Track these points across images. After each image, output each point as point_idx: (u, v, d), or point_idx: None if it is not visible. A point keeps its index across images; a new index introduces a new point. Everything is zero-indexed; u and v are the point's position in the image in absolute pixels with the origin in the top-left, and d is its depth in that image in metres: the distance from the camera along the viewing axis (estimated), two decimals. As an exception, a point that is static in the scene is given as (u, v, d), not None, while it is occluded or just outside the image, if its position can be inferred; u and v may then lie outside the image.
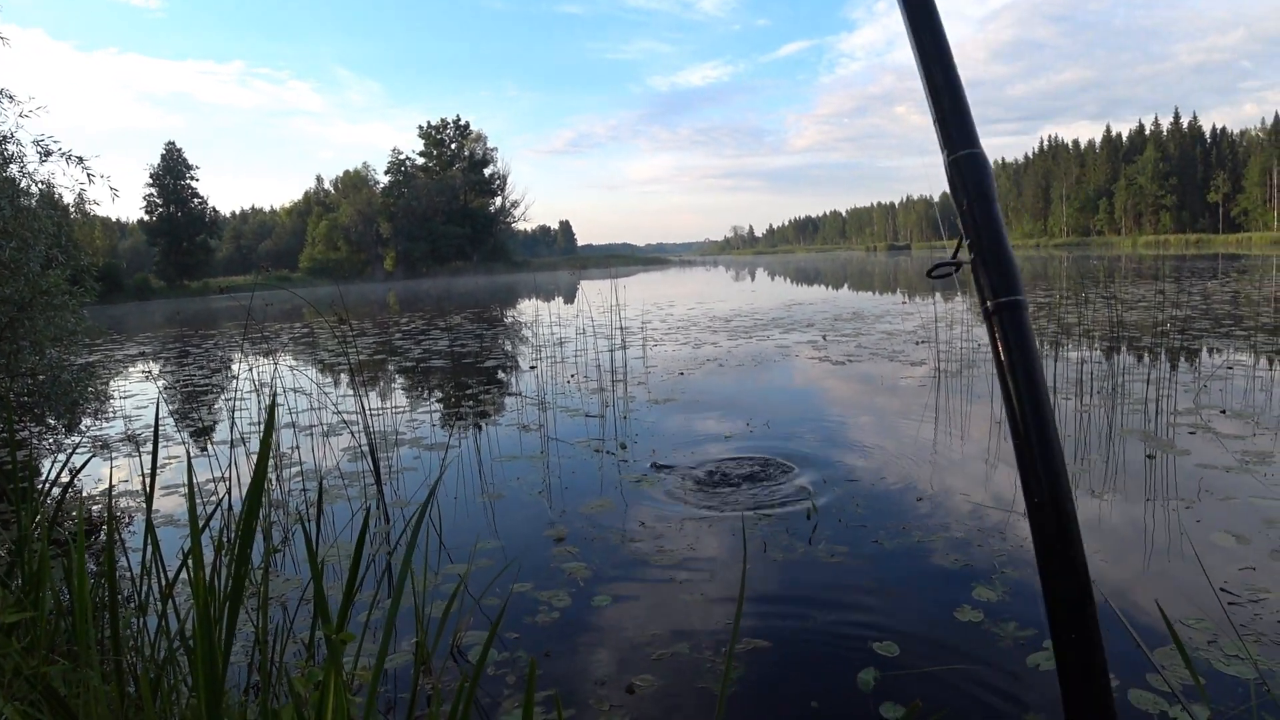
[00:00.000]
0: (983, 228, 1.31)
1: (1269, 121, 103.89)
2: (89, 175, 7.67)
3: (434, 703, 3.06)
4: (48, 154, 7.50)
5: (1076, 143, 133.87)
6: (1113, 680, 2.90)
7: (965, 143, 1.35)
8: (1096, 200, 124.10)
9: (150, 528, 2.44)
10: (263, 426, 1.76)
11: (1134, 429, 6.66)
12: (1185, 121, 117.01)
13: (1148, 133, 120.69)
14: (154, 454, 2.48)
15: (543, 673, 3.24)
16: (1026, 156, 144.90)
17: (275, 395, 2.84)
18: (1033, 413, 1.24)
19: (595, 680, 3.16)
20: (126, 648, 2.32)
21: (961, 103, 1.38)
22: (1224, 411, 7.06)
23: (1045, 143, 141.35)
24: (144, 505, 5.75)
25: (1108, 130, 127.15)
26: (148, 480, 2.37)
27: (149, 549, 2.49)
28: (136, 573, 2.72)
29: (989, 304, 1.30)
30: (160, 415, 9.87)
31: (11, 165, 7.50)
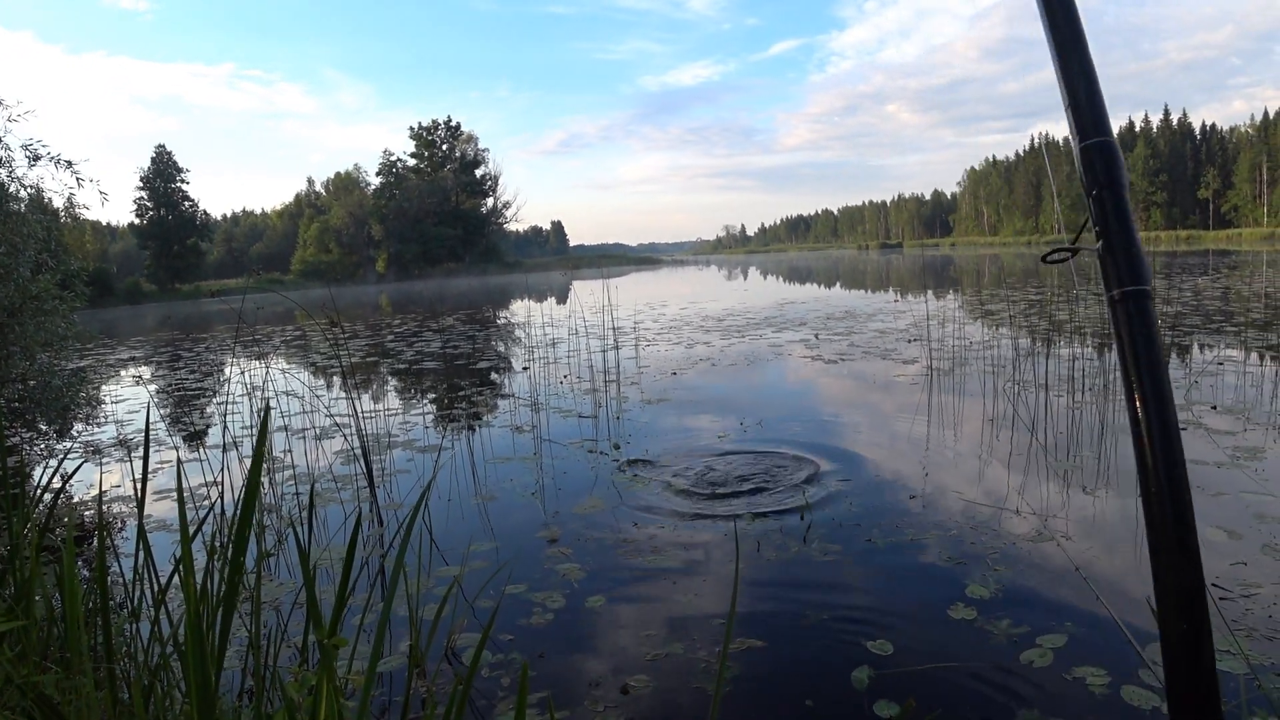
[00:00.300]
0: (1112, 216, 1.30)
1: (1258, 118, 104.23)
2: (78, 179, 7.67)
3: (428, 706, 3.05)
4: (36, 158, 7.48)
5: (1067, 140, 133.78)
6: (1107, 677, 2.92)
7: (1097, 130, 1.36)
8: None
9: (142, 533, 2.44)
10: (256, 431, 1.76)
11: (1126, 426, 6.66)
12: (1175, 118, 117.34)
13: (1138, 130, 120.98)
14: (145, 459, 2.48)
15: (537, 674, 3.24)
16: (1018, 154, 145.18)
17: (268, 401, 2.84)
18: (1154, 401, 1.21)
19: (590, 681, 3.16)
20: (120, 654, 2.32)
21: (1095, 90, 1.38)
22: (1215, 407, 7.09)
23: (1037, 140, 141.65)
24: (135, 511, 5.73)
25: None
26: (139, 485, 2.36)
27: (141, 554, 2.48)
28: (129, 579, 2.71)
29: (1115, 293, 1.28)
30: (152, 420, 9.84)
31: (1, 171, 7.48)
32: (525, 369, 12.26)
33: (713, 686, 3.07)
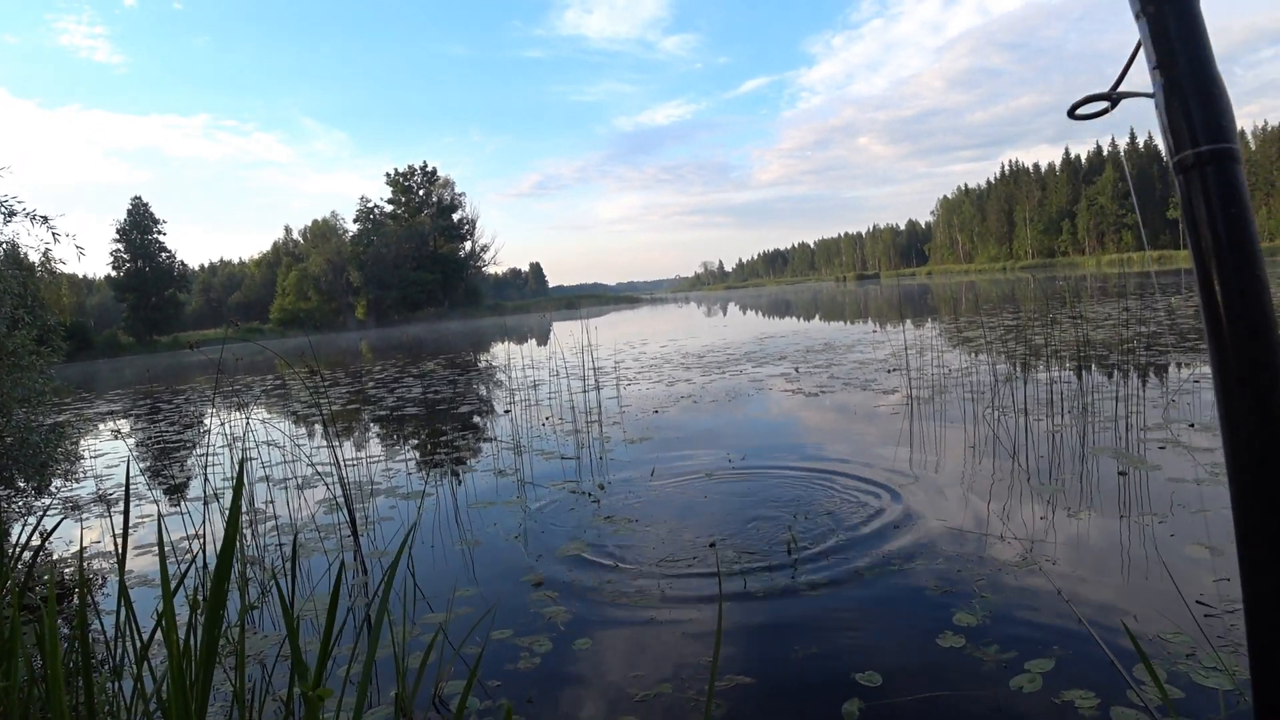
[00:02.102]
0: (1180, 43, 0.95)
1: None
2: (54, 235, 7.65)
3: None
4: (12, 214, 7.46)
5: (1037, 166, 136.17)
6: (1095, 699, 2.92)
7: None
8: (1059, 221, 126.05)
9: (123, 589, 2.42)
10: (233, 484, 1.76)
11: (1105, 447, 6.73)
12: (1141, 141, 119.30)
13: (1105, 154, 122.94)
14: (125, 514, 2.46)
15: (526, 719, 3.22)
16: (989, 182, 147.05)
17: (245, 452, 2.83)
18: (1242, 300, 0.89)
19: (579, 724, 3.14)
20: (102, 714, 2.29)
21: None
22: (1193, 425, 7.16)
23: (1007, 167, 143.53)
24: (117, 566, 5.67)
25: (1066, 153, 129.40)
26: (120, 541, 2.35)
27: (123, 611, 2.46)
28: (111, 635, 2.68)
29: (1188, 154, 0.94)
30: (132, 474, 9.75)
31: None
32: (507, 412, 12.24)
33: (703, 724, 3.05)
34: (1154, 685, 2.99)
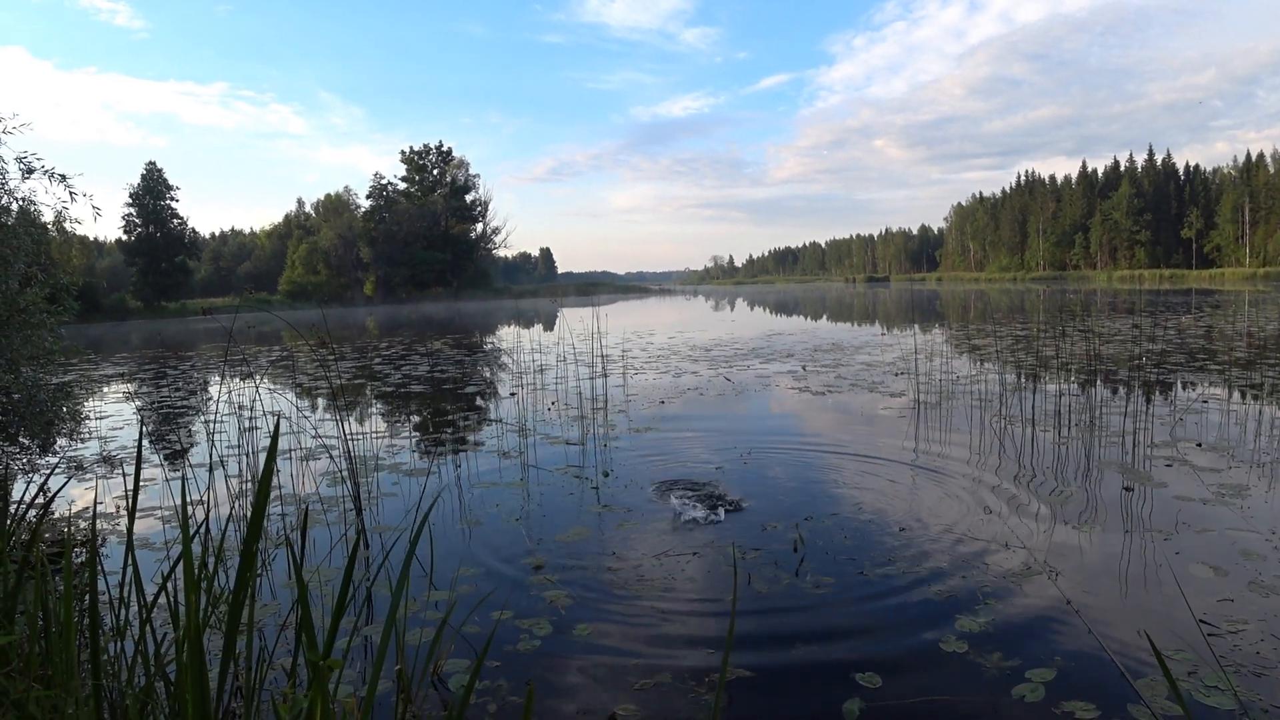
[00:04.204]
0: None
1: (1240, 159, 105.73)
2: (71, 194, 7.59)
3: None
4: (30, 171, 7.42)
5: (1053, 178, 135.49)
6: (1096, 711, 2.91)
7: None
8: (1073, 235, 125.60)
9: (131, 548, 2.42)
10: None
11: (1112, 461, 6.70)
12: (1159, 159, 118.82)
13: (1123, 169, 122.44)
14: (136, 471, 2.46)
15: (521, 701, 3.21)
16: (1004, 191, 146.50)
17: (278, 419, 2.82)
18: None
19: (578, 709, 3.14)
20: (107, 671, 2.29)
21: None
22: (1200, 445, 7.13)
23: (1023, 177, 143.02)
24: (115, 528, 5.67)
25: (1084, 166, 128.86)
26: (131, 498, 2.34)
27: (129, 570, 2.45)
28: (114, 595, 2.67)
29: None
30: (139, 434, 9.77)
31: (-8, 183, 7.44)
32: (513, 395, 12.23)
33: (700, 716, 3.05)
34: (1159, 701, 2.99)
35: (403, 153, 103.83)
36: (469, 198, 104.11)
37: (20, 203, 7.55)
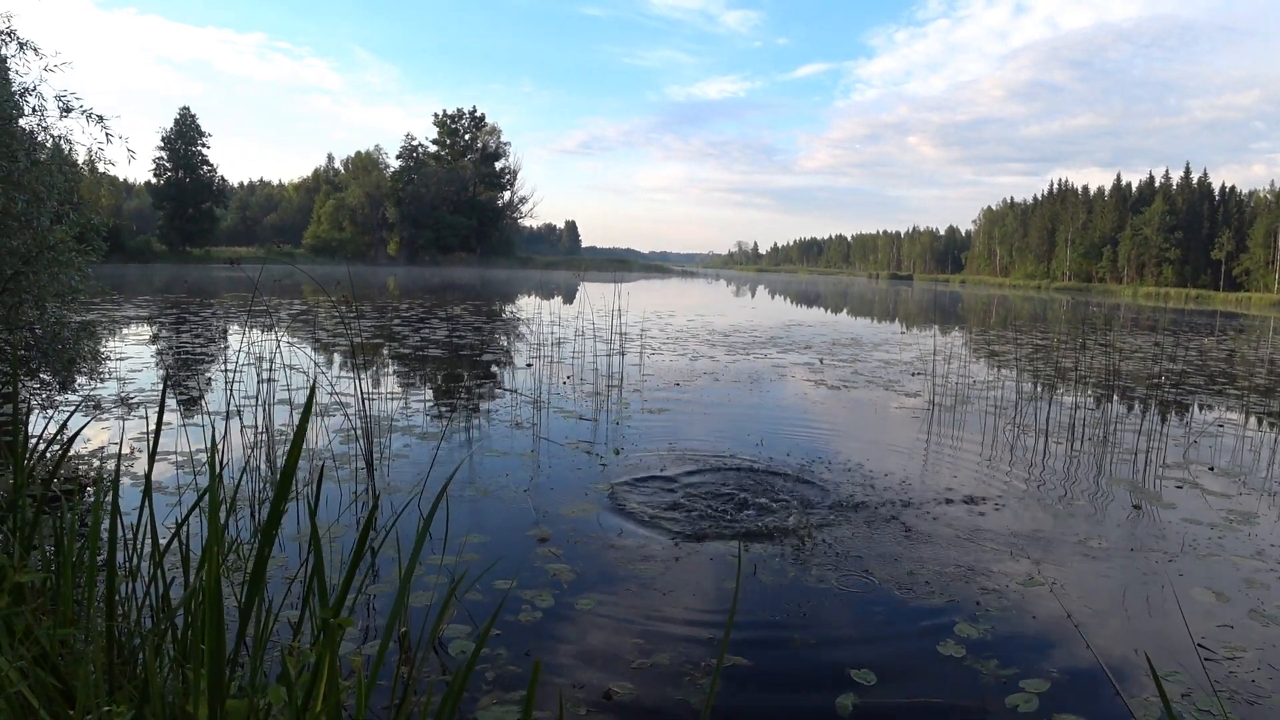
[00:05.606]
0: None
1: (1278, 184, 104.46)
2: (108, 135, 7.64)
3: (408, 692, 3.07)
4: (68, 110, 7.46)
5: (1086, 188, 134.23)
6: (1087, 727, 2.92)
7: None
8: (1101, 247, 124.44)
9: (149, 491, 2.45)
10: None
11: (1122, 479, 6.69)
12: (1195, 177, 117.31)
13: (1157, 185, 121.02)
14: (160, 411, 2.49)
15: (521, 671, 3.25)
16: (1035, 198, 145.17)
17: (314, 378, 2.86)
18: None
19: (574, 684, 3.18)
20: (121, 610, 2.33)
21: None
22: (1213, 468, 7.11)
23: (1055, 185, 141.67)
24: (129, 469, 5.73)
25: (1118, 179, 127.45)
26: (152, 439, 2.37)
27: (145, 512, 2.49)
28: (126, 537, 2.71)
29: None
30: (154, 382, 9.87)
31: (32, 118, 7.50)
32: (529, 366, 12.28)
33: (696, 699, 3.08)
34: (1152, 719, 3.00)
35: (435, 115, 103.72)
36: (498, 165, 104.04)
37: (55, 140, 7.61)
